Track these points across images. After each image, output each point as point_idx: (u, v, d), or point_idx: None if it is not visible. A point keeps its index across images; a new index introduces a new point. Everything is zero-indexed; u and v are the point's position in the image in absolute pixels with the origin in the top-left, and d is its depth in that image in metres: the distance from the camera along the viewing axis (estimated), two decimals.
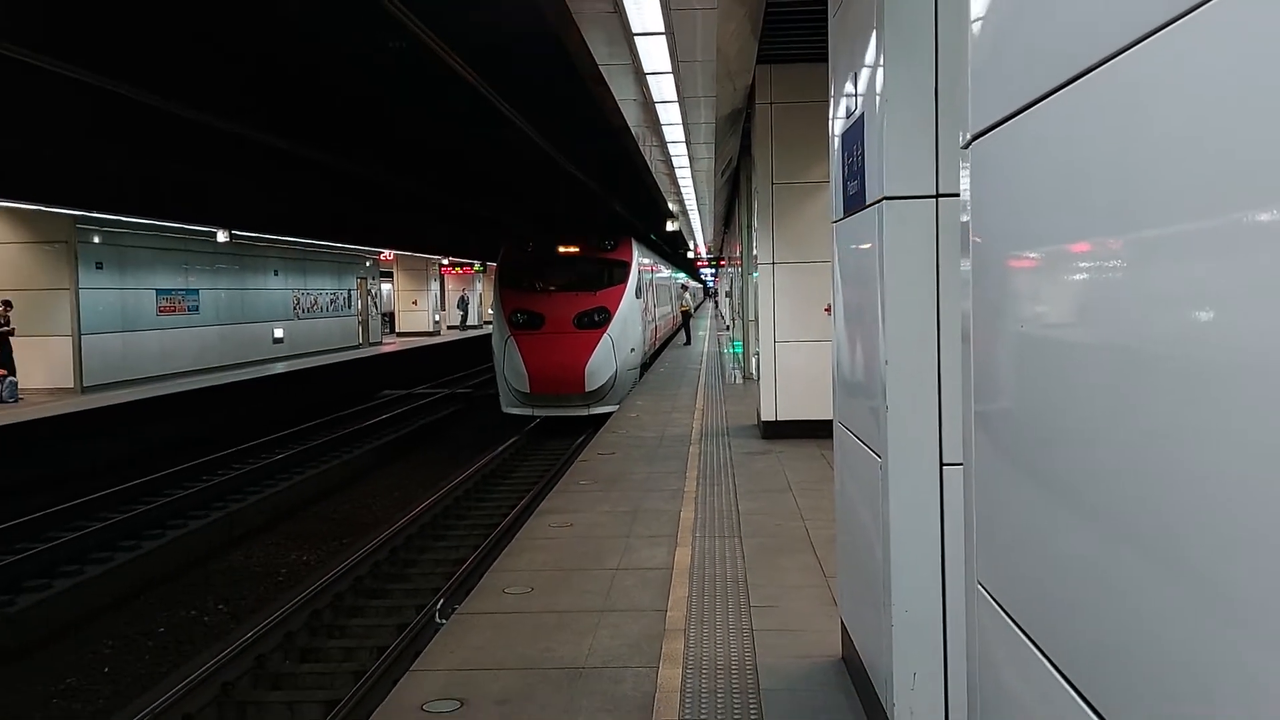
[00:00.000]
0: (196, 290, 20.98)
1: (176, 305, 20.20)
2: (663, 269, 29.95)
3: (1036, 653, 1.64)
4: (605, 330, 17.03)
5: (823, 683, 4.41)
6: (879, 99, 3.54)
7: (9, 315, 15.86)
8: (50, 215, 16.66)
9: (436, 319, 38.18)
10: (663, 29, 7.84)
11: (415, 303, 37.81)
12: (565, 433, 16.68)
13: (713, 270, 53.55)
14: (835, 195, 4.41)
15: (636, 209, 32.41)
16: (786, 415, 10.84)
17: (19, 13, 11.17)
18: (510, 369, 16.80)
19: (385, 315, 36.33)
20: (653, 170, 18.44)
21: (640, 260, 19.53)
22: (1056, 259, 1.63)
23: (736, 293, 23.67)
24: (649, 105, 11.18)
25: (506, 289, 17.89)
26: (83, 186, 15.73)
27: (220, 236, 19.89)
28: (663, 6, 7.24)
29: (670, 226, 32.58)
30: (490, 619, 5.35)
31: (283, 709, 6.61)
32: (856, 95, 3.93)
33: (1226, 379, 1.08)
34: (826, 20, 4.50)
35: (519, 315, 17.24)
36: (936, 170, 3.47)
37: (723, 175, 19.55)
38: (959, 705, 3.01)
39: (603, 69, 9.61)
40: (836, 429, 4.56)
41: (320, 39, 13.68)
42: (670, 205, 26.21)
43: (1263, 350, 1.00)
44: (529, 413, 17.12)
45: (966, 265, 2.03)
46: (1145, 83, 1.27)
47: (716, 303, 56.12)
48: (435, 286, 38.14)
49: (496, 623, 5.28)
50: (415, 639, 7.17)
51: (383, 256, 32.93)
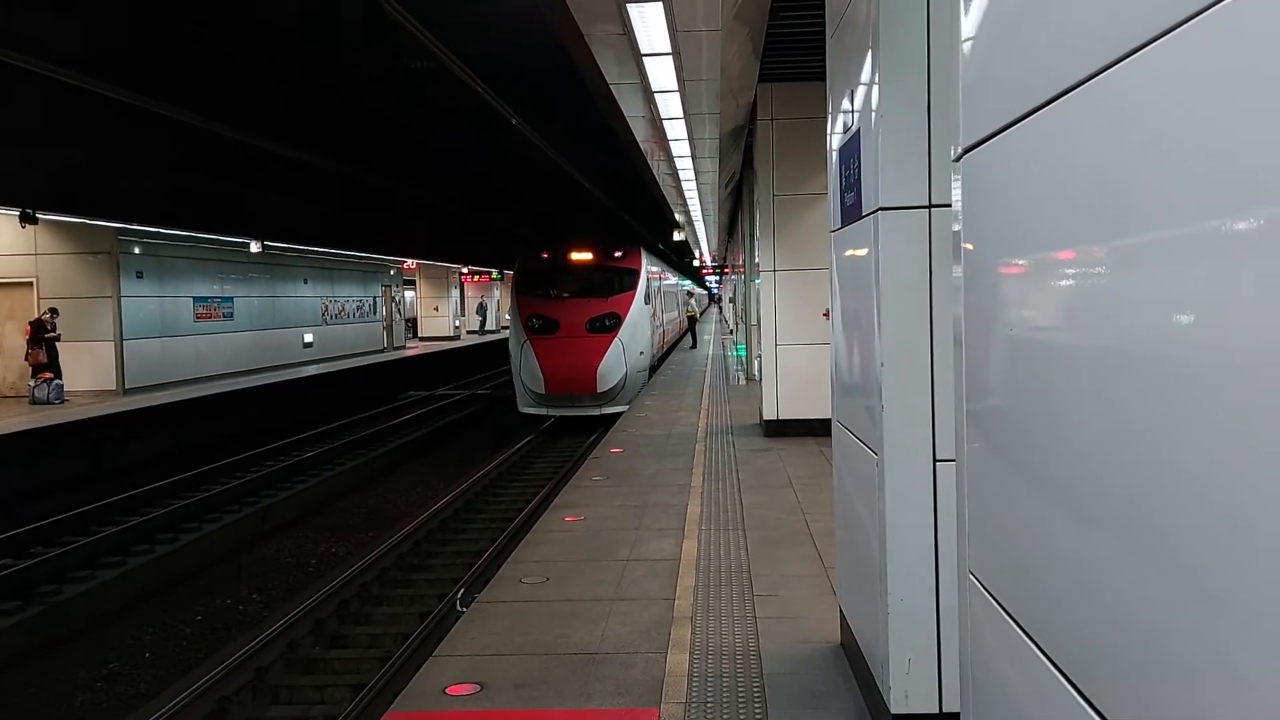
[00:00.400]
0: (231, 298, 21.05)
1: (212, 312, 20.28)
2: (670, 276, 29.92)
3: (1025, 638, 1.64)
4: (616, 334, 17.03)
5: (822, 667, 4.41)
6: (874, 115, 3.54)
7: (56, 322, 15.96)
8: (94, 228, 16.78)
9: (456, 324, 38.31)
10: (669, 50, 7.84)
11: (436, 309, 37.94)
12: (578, 431, 16.68)
13: (717, 277, 53.56)
14: (833, 206, 4.41)
15: (645, 219, 32.39)
16: (787, 414, 10.83)
17: (96, 44, 11.27)
18: (526, 371, 16.82)
19: (408, 321, 36.45)
20: (660, 183, 18.43)
21: (649, 268, 19.52)
22: (1043, 266, 1.63)
23: (740, 298, 23.64)
24: (656, 121, 11.19)
25: (522, 295, 17.90)
26: (125, 200, 15.82)
27: (253, 247, 20.01)
28: (670, 29, 7.25)
29: (677, 236, 32.58)
30: (508, 607, 5.36)
31: (313, 692, 6.63)
32: (853, 112, 3.93)
33: (1202, 379, 1.08)
34: (824, 41, 4.50)
35: (534, 320, 17.26)
36: (929, 182, 3.47)
37: (726, 187, 19.53)
38: (952, 688, 3.00)
39: (613, 87, 9.62)
40: (835, 427, 4.56)
41: (353, 63, 13.89)
42: (676, 216, 26.18)
43: (1236, 351, 1.01)
44: (544, 412, 17.14)
45: (958, 272, 2.03)
46: (1126, 99, 1.27)
47: (720, 308, 56.05)
48: (455, 293, 38.29)
49: (514, 611, 5.29)
50: (438, 626, 7.18)
51: (406, 265, 33.03)
